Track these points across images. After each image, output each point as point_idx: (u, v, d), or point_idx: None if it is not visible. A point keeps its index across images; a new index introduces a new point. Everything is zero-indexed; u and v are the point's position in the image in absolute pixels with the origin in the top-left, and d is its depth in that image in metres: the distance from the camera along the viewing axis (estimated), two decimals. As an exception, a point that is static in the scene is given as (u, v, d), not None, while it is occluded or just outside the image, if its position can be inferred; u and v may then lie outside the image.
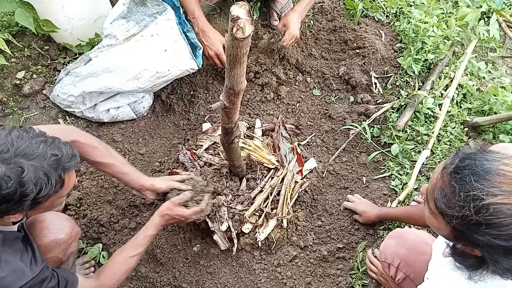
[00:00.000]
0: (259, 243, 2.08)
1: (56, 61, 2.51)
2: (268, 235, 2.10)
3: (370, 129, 2.39)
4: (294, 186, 2.20)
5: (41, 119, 2.41)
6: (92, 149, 1.73)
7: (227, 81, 1.23)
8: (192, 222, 1.92)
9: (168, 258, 2.13)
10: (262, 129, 2.38)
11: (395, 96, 2.47)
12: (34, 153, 1.23)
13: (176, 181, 1.90)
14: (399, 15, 2.64)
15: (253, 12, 2.67)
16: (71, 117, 2.41)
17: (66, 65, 2.45)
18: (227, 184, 2.10)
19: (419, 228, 1.91)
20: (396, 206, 2.18)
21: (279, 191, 2.15)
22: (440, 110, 2.39)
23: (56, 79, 2.42)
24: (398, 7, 2.64)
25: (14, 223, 1.45)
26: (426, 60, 2.50)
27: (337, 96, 2.52)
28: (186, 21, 2.32)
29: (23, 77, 2.46)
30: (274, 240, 2.09)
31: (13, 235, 1.42)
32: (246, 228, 2.08)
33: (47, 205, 1.38)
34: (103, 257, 2.09)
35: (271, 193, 2.13)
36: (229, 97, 1.28)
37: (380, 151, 2.36)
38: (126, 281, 2.07)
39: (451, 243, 1.21)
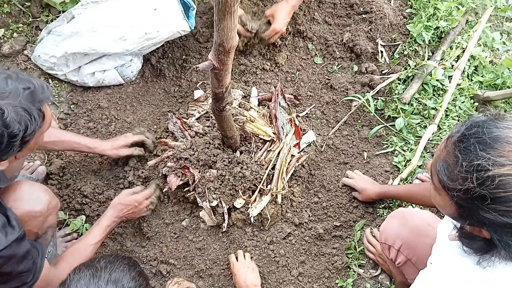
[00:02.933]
0: (252, 219, 1.97)
1: (38, 19, 2.33)
2: (261, 211, 1.98)
3: (373, 101, 2.23)
4: (291, 160, 2.06)
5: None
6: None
7: (215, 37, 1.07)
8: (143, 216, 1.96)
9: (155, 232, 2.02)
10: (259, 99, 2.22)
11: (402, 67, 2.29)
12: (5, 91, 1.16)
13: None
14: (411, -21, 2.44)
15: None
16: (54, 80, 2.25)
17: (49, 23, 2.26)
18: (220, 156, 1.96)
19: (422, 209, 1.78)
20: (398, 184, 2.05)
21: (274, 165, 2.02)
22: (449, 82, 2.22)
23: (38, 38, 2.24)
24: (410, -30, 2.43)
25: None
26: (438, 28, 2.31)
27: (340, 65, 2.35)
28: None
29: (2, 35, 2.29)
30: (268, 217, 1.97)
31: None
32: (238, 203, 1.96)
33: (32, 143, 1.30)
34: (86, 229, 1.97)
35: (266, 168, 2.00)
36: (219, 56, 1.12)
37: (383, 125, 2.21)
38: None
39: (458, 225, 1.09)
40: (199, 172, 1.96)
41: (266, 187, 1.98)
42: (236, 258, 1.93)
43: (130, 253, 1.99)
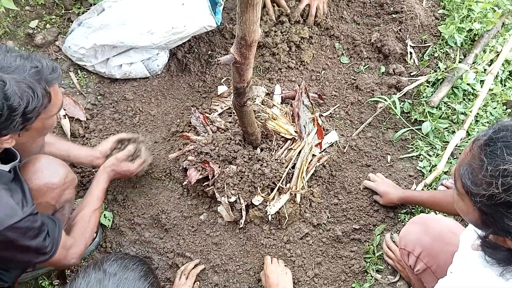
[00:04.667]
0: (269, 217, 1.95)
1: (70, 11, 2.39)
2: (280, 209, 1.96)
3: (400, 104, 2.17)
4: (311, 160, 2.04)
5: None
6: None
7: (238, 30, 1.06)
8: (135, 174, 1.97)
9: (173, 224, 2.03)
10: (282, 96, 2.20)
11: (432, 69, 2.22)
12: (12, 66, 1.17)
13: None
14: (445, -22, 2.36)
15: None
16: (83, 71, 2.30)
17: (80, 15, 2.32)
18: (240, 152, 1.96)
19: (446, 216, 1.72)
20: (422, 189, 1.99)
21: (295, 164, 2.00)
22: (481, 87, 2.14)
23: (69, 30, 2.29)
24: (444, -31, 2.36)
25: (5, 163, 1.38)
26: (471, 30, 2.22)
27: (367, 66, 2.30)
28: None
29: (36, 26, 2.35)
30: (286, 215, 1.96)
31: (4, 174, 1.35)
32: (257, 200, 1.95)
33: (39, 125, 1.32)
34: (105, 217, 2.01)
35: (286, 166, 1.98)
36: (240, 50, 1.11)
37: (409, 129, 2.15)
38: (129, 244, 2.00)
39: (481, 234, 1.04)
40: (219, 167, 1.96)
41: (285, 185, 1.96)
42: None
43: (148, 243, 2.01)
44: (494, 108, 2.16)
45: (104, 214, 2.03)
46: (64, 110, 2.21)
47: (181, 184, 2.07)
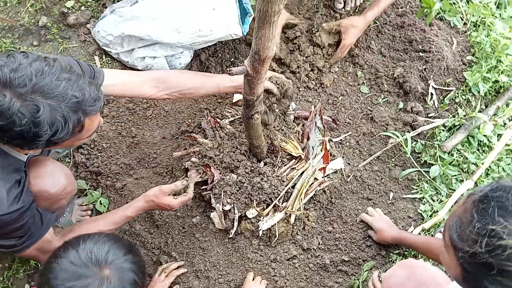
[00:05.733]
0: (260, 232, 1.94)
1: (106, -3, 2.45)
2: (272, 226, 1.95)
3: (412, 143, 2.14)
4: (313, 183, 2.02)
5: (78, 52, 2.36)
6: (183, 81, 1.74)
7: (253, 44, 1.07)
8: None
9: (165, 222, 2.04)
10: (295, 115, 2.20)
11: (451, 114, 2.19)
12: (53, 92, 1.14)
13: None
14: (479, 25, 2.33)
15: (319, -11, 2.46)
16: (107, 57, 2.35)
17: (115, 3, 2.37)
18: (243, 163, 1.96)
19: (436, 265, 1.68)
20: (419, 233, 1.95)
21: (295, 184, 1.98)
22: (498, 140, 2.09)
23: (101, 15, 2.35)
24: (480, 16, 2.33)
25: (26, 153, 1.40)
26: (497, 81, 2.19)
27: (386, 99, 2.28)
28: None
29: (71, 6, 2.42)
30: (277, 234, 1.94)
31: (17, 164, 1.37)
32: (251, 213, 1.94)
33: (66, 144, 1.32)
34: (101, 203, 2.03)
35: (286, 185, 1.97)
36: (253, 63, 1.12)
37: (417, 170, 2.12)
38: (118, 233, 2.01)
39: None
40: (220, 173, 1.96)
41: (282, 204, 1.95)
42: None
43: (137, 236, 2.02)
44: (508, 164, 2.11)
45: (100, 201, 2.05)
46: (83, 91, 2.25)
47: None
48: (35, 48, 2.33)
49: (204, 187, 1.99)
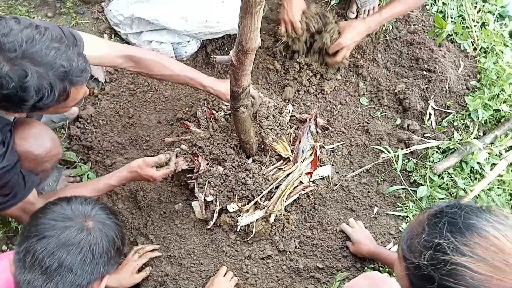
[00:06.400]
0: (238, 227, 1.94)
1: (124, -22, 2.48)
2: (250, 223, 1.95)
3: (404, 160, 2.12)
4: (297, 186, 2.01)
5: (89, 29, 2.41)
6: (156, 64, 1.76)
7: (238, 34, 1.08)
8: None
9: (148, 204, 2.06)
10: (292, 117, 2.20)
11: (447, 136, 2.16)
12: (42, 60, 1.17)
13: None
14: (489, 52, 2.30)
15: (333, -3, 2.47)
16: (116, 37, 2.39)
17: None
18: (231, 157, 1.97)
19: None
20: (397, 251, 1.92)
21: (280, 184, 1.98)
22: (490, 170, 2.06)
23: (117, -5, 2.39)
24: (491, 43, 2.30)
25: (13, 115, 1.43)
26: (498, 110, 2.15)
27: (384, 113, 2.27)
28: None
29: (89, -17, 2.46)
30: (253, 231, 1.94)
31: (3, 124, 1.39)
32: (232, 207, 1.95)
33: (51, 110, 1.35)
34: (88, 177, 2.06)
35: (271, 184, 1.97)
36: (237, 54, 1.13)
37: (405, 187, 2.10)
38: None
39: None
40: (207, 164, 1.98)
41: (263, 202, 1.95)
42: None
43: (118, 214, 2.04)
44: (499, 195, 2.08)
45: (88, 175, 2.09)
46: (88, 66, 2.30)
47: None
48: (49, 19, 2.38)
49: (189, 175, 2.01)
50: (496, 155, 2.10)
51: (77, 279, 1.06)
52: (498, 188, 2.07)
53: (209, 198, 1.95)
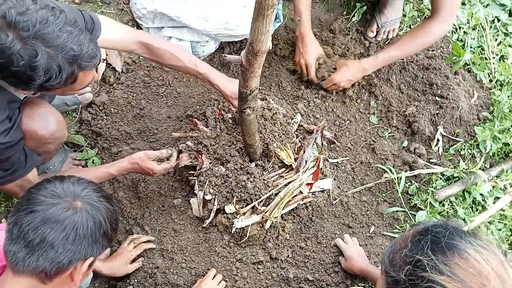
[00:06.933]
0: (233, 229, 1.95)
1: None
2: (246, 226, 1.96)
3: (407, 183, 2.11)
4: (296, 195, 2.02)
5: (113, 19, 2.46)
6: (167, 54, 1.78)
7: (249, 36, 1.10)
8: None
9: (147, 196, 2.08)
10: (299, 127, 2.21)
11: (452, 164, 2.15)
12: (53, 42, 1.20)
13: None
14: (504, 85, 2.29)
15: (354, 14, 2.48)
16: (138, 29, 2.44)
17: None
18: (235, 159, 1.98)
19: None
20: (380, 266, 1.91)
21: (280, 192, 1.99)
22: (493, 203, 2.03)
23: (143, -11, 2.44)
24: (507, 77, 2.28)
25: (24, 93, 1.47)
26: (508, 144, 2.13)
27: (392, 134, 2.26)
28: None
29: (119, -27, 2.53)
30: (248, 235, 1.94)
31: (12, 101, 1.42)
32: (229, 208, 1.96)
33: (58, 92, 1.38)
34: (93, 162, 2.10)
35: (270, 190, 1.98)
36: (247, 55, 1.15)
37: (404, 210, 2.08)
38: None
39: None
40: (210, 163, 2.00)
41: (261, 207, 1.96)
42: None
43: (118, 202, 2.07)
44: (499, 230, 2.05)
45: (93, 160, 2.12)
46: (107, 55, 2.35)
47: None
48: (76, 5, 2.45)
49: (191, 172, 2.03)
50: (501, 188, 2.08)
51: (58, 256, 1.07)
52: (499, 222, 2.05)
53: (208, 197, 1.97)
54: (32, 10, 1.17)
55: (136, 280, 1.91)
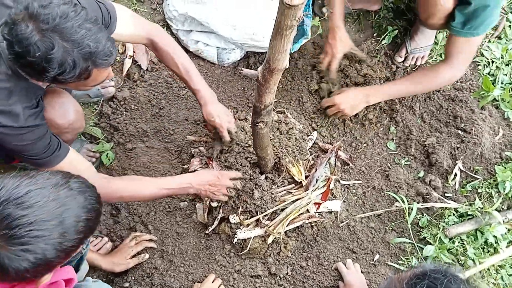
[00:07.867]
0: (235, 240, 1.94)
1: (189, -23, 2.58)
2: (248, 238, 1.94)
3: (418, 215, 2.05)
4: (302, 213, 1.99)
5: (145, 18, 2.51)
6: (167, 56, 1.80)
7: (267, 53, 1.09)
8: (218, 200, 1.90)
9: (155, 195, 2.09)
10: (315, 144, 2.19)
11: (468, 201, 2.08)
12: (71, 37, 1.22)
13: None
14: (532, 127, 2.20)
15: (384, 37, 2.45)
16: (167, 30, 2.47)
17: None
18: (245, 169, 1.98)
19: None
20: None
21: (286, 208, 1.97)
22: (506, 246, 1.95)
23: (177, -8, 2.48)
24: (536, 118, 2.20)
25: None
26: (528, 186, 2.05)
27: (409, 163, 2.21)
28: (311, 6, 2.20)
29: (157, -26, 2.57)
30: (249, 247, 1.93)
31: (36, 90, 1.44)
32: (233, 218, 1.95)
33: (71, 86, 1.40)
34: (107, 156, 2.13)
35: (277, 205, 1.96)
36: (264, 71, 1.14)
37: (412, 242, 2.03)
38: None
39: None
40: (220, 170, 1.99)
41: (265, 221, 1.94)
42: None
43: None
44: (510, 275, 1.96)
45: (108, 153, 2.15)
46: (134, 52, 2.39)
47: (182, 166, 2.13)
48: (110, 1, 2.50)
49: (201, 177, 2.03)
50: (516, 233, 2.00)
51: None
52: (510, 267, 1.96)
53: (214, 204, 1.97)
54: (54, 4, 1.20)
55: (133, 278, 1.92)
